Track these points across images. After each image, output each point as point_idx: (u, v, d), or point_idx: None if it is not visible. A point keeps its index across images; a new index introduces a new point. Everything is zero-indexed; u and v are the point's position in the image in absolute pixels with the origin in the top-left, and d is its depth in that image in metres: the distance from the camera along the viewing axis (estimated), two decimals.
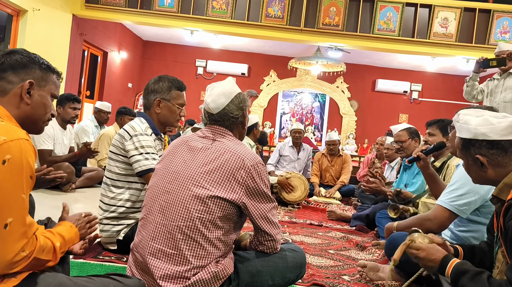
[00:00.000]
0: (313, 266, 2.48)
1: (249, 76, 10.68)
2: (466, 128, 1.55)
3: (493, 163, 1.52)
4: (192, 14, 7.18)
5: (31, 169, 1.17)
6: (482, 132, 1.51)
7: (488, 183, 1.59)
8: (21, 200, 1.14)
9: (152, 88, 2.39)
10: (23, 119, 1.31)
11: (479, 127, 1.51)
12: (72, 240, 1.41)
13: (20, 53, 1.34)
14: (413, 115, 10.65)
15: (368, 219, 3.71)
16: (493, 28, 6.98)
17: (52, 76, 1.41)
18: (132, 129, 2.32)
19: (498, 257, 1.49)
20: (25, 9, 6.00)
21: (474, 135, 1.52)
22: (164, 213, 1.59)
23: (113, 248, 2.36)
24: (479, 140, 1.52)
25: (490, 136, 1.49)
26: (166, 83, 2.39)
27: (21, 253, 1.13)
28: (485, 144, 1.51)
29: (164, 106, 2.39)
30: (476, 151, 1.54)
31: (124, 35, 9.45)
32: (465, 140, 1.57)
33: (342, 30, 7.13)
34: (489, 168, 1.53)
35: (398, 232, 2.32)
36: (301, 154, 5.83)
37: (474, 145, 1.54)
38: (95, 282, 1.30)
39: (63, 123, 4.29)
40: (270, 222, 1.66)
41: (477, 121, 1.53)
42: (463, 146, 1.59)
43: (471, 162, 1.58)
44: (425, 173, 2.57)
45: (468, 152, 1.57)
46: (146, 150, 2.27)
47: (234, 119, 1.72)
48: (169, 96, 2.39)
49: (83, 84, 8.24)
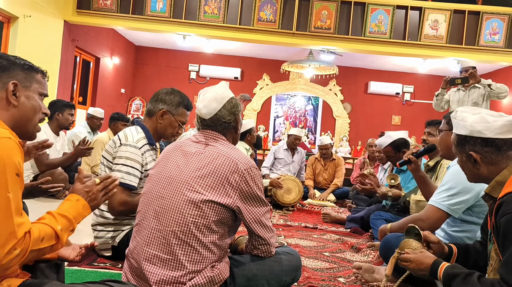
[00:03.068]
0: (308, 269, 2.49)
1: (242, 80, 10.69)
2: (462, 125, 1.58)
3: (486, 160, 1.54)
4: (184, 19, 7.19)
5: (16, 166, 1.14)
6: (477, 130, 1.53)
7: (481, 180, 1.61)
8: (4, 199, 1.10)
9: (162, 98, 2.40)
10: (14, 123, 1.28)
11: (475, 124, 1.53)
12: (80, 215, 1.35)
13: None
14: (406, 116, 10.71)
15: (363, 221, 3.72)
16: (483, 30, 7.05)
17: (37, 76, 1.37)
18: (124, 138, 2.32)
19: (491, 255, 1.50)
20: (16, 16, 5.97)
21: (470, 132, 1.55)
22: (158, 219, 1.59)
23: (108, 254, 2.35)
24: (474, 137, 1.54)
25: (485, 134, 1.52)
26: (177, 98, 2.41)
27: (13, 251, 1.09)
28: (480, 141, 1.53)
29: (167, 118, 2.40)
30: (471, 148, 1.56)
31: (116, 40, 9.43)
32: (461, 137, 1.59)
33: (334, 33, 7.16)
34: (482, 165, 1.55)
35: (392, 234, 2.33)
36: (295, 157, 5.85)
37: (469, 142, 1.56)
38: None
39: (56, 130, 4.27)
40: (263, 226, 1.66)
41: (473, 119, 1.55)
42: (458, 142, 1.61)
43: (465, 159, 1.60)
44: (416, 176, 2.59)
45: (463, 148, 1.59)
46: (132, 163, 2.25)
47: (226, 124, 1.73)
48: (175, 111, 2.41)
49: (75, 90, 8.20)
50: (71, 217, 1.30)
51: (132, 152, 2.27)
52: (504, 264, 1.34)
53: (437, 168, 2.87)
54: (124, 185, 2.20)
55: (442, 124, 2.33)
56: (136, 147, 2.29)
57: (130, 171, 2.24)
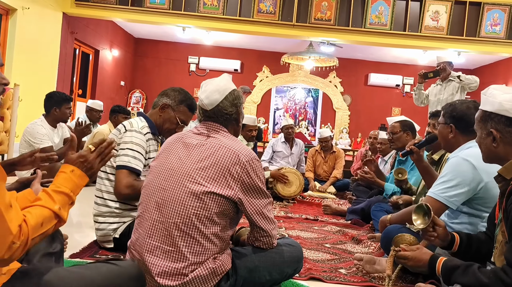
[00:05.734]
0: (310, 260, 2.50)
1: (242, 72, 10.66)
2: (490, 102, 1.56)
3: (506, 140, 1.53)
4: (183, 11, 7.15)
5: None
6: (505, 109, 1.52)
7: (495, 160, 1.59)
8: None
9: (167, 93, 2.46)
10: None
11: (504, 102, 1.52)
12: (78, 186, 1.29)
13: None
14: (406, 108, 10.70)
15: (364, 213, 3.72)
16: (484, 21, 7.02)
17: None
18: (129, 124, 2.36)
19: (497, 238, 1.51)
20: (15, 8, 5.94)
21: (497, 109, 1.53)
22: (160, 210, 1.59)
23: (109, 246, 2.36)
24: (499, 115, 1.53)
25: (511, 114, 1.50)
26: (181, 96, 2.45)
27: (13, 246, 1.07)
28: (504, 120, 1.52)
29: (167, 112, 2.43)
30: (493, 125, 1.55)
31: (116, 33, 9.39)
32: (486, 113, 1.57)
33: (334, 25, 7.13)
34: (500, 145, 1.54)
35: (393, 225, 2.33)
36: (294, 149, 5.85)
37: (493, 119, 1.55)
38: (89, 268, 1.29)
39: (53, 123, 4.24)
40: (265, 218, 1.66)
41: (504, 97, 1.53)
42: (482, 118, 1.60)
43: (484, 135, 1.59)
44: (419, 166, 2.58)
45: (485, 124, 1.58)
46: (138, 148, 2.28)
47: (228, 116, 1.73)
48: (176, 107, 2.43)
49: (75, 83, 8.18)
50: (67, 191, 1.24)
51: (137, 137, 2.30)
52: (510, 247, 1.35)
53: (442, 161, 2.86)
54: (131, 168, 2.22)
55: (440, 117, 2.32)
56: (141, 132, 2.33)
57: (136, 155, 2.26)
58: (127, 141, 2.28)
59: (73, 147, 1.36)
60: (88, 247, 2.41)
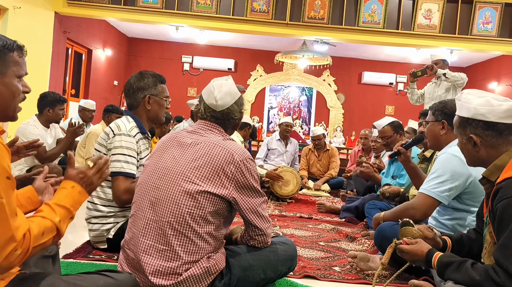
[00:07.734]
0: (304, 258, 2.50)
1: (235, 72, 10.65)
2: (466, 107, 1.57)
3: (486, 143, 1.54)
4: (176, 10, 7.12)
5: (6, 169, 1.09)
6: (481, 113, 1.52)
7: (479, 163, 1.61)
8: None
9: (137, 87, 2.38)
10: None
11: (479, 107, 1.53)
12: (77, 202, 1.32)
13: None
14: (399, 106, 10.75)
15: (358, 211, 3.74)
16: (476, 19, 7.05)
17: (12, 56, 1.24)
18: (117, 128, 2.31)
19: (486, 238, 1.52)
20: (6, 7, 5.89)
21: (473, 115, 1.54)
22: (154, 209, 1.59)
23: (103, 247, 2.35)
24: (476, 120, 1.54)
25: (488, 118, 1.51)
26: (151, 79, 2.39)
27: (14, 252, 1.09)
28: (482, 125, 1.53)
29: (154, 102, 2.40)
30: (472, 131, 1.56)
31: (109, 32, 9.34)
32: (463, 119, 1.58)
33: (328, 24, 7.13)
34: (482, 148, 1.55)
35: (386, 223, 2.35)
36: (289, 147, 5.87)
37: (471, 124, 1.56)
38: (86, 280, 1.29)
39: (46, 123, 4.21)
40: (260, 216, 1.67)
41: (478, 102, 1.54)
42: (460, 124, 1.61)
43: (465, 141, 1.60)
44: (407, 167, 2.61)
45: (464, 130, 1.59)
46: (129, 152, 2.26)
47: (233, 120, 1.76)
48: (156, 91, 2.40)
49: (67, 83, 8.13)
50: (68, 205, 1.28)
51: (127, 140, 2.27)
52: (499, 247, 1.36)
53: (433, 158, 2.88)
54: (125, 173, 2.21)
55: (428, 116, 2.34)
56: (130, 135, 2.29)
57: (129, 160, 2.24)
58: (117, 146, 2.25)
59: (71, 164, 1.37)
60: (81, 248, 2.40)
